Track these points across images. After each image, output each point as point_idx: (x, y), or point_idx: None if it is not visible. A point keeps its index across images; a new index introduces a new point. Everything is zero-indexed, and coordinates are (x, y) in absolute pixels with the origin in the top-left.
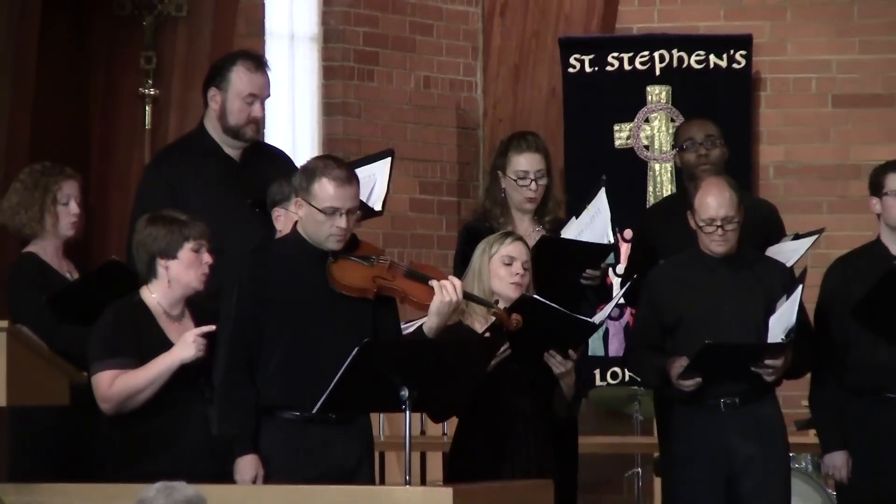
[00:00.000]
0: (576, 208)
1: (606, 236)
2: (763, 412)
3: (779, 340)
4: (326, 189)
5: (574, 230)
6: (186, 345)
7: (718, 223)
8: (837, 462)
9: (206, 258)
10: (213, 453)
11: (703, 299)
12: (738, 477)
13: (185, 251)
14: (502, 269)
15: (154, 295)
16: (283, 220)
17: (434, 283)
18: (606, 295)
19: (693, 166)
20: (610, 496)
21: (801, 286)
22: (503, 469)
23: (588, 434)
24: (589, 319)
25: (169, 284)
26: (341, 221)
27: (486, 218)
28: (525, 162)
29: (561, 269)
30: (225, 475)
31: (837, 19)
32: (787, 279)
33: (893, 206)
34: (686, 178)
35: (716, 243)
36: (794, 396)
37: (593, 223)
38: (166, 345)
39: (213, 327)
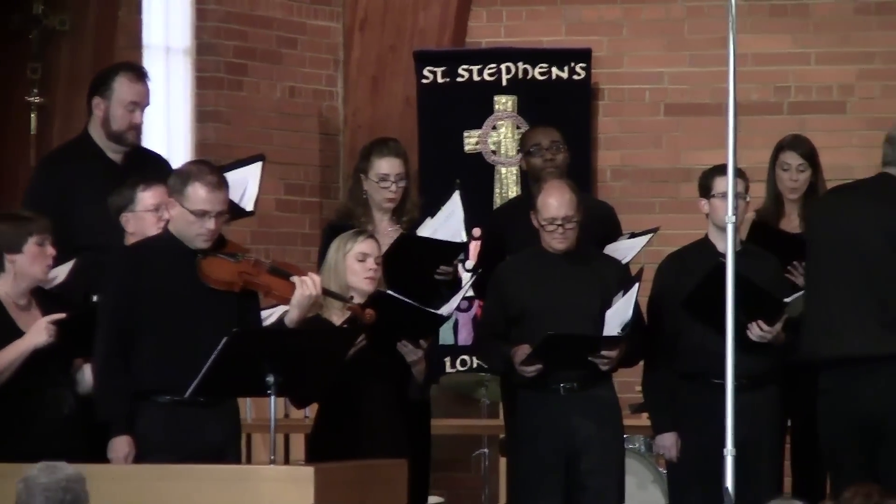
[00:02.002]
0: (430, 209)
1: (460, 235)
2: (600, 396)
3: (615, 333)
4: (198, 193)
5: (429, 229)
6: (39, 331)
7: (559, 222)
8: (667, 443)
9: (50, 251)
10: (66, 433)
11: (545, 293)
12: (577, 455)
13: (30, 245)
14: (357, 266)
15: (2, 287)
16: (133, 222)
17: (295, 278)
18: (459, 289)
19: (539, 169)
20: (459, 474)
21: (637, 284)
22: (361, 449)
23: (439, 417)
24: (437, 312)
25: (15, 277)
26: (210, 223)
27: (349, 217)
28: (386, 165)
29: (418, 264)
30: (77, 453)
31: (669, 35)
32: (622, 275)
33: (720, 207)
34: (532, 181)
35: (557, 241)
36: (629, 382)
37: (448, 223)
38: (17, 333)
39: (63, 315)
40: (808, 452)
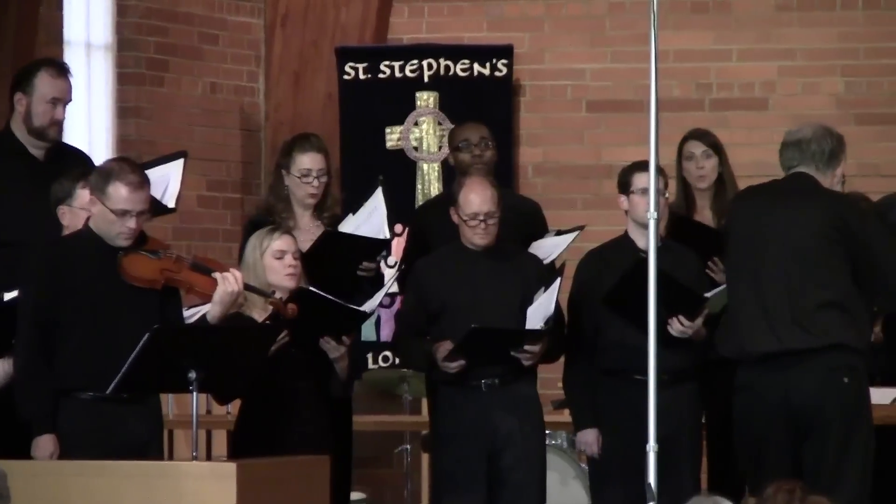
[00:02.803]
0: (351, 205)
1: (383, 232)
2: (522, 392)
3: (538, 328)
4: (120, 192)
5: (352, 225)
6: None
7: (482, 217)
8: (589, 439)
9: None
10: None
11: (465, 288)
12: (499, 452)
13: None
14: (275, 263)
15: None
16: (69, 216)
17: (217, 274)
18: (381, 285)
19: (467, 165)
20: (382, 470)
21: (559, 278)
22: (283, 445)
23: (361, 413)
24: (360, 308)
25: None
26: (131, 222)
27: (270, 213)
28: (308, 161)
29: (340, 261)
30: None
31: (591, 31)
32: (542, 270)
33: (639, 204)
34: (459, 177)
35: (479, 236)
36: (551, 378)
37: (371, 219)
38: None
39: None
40: (725, 448)
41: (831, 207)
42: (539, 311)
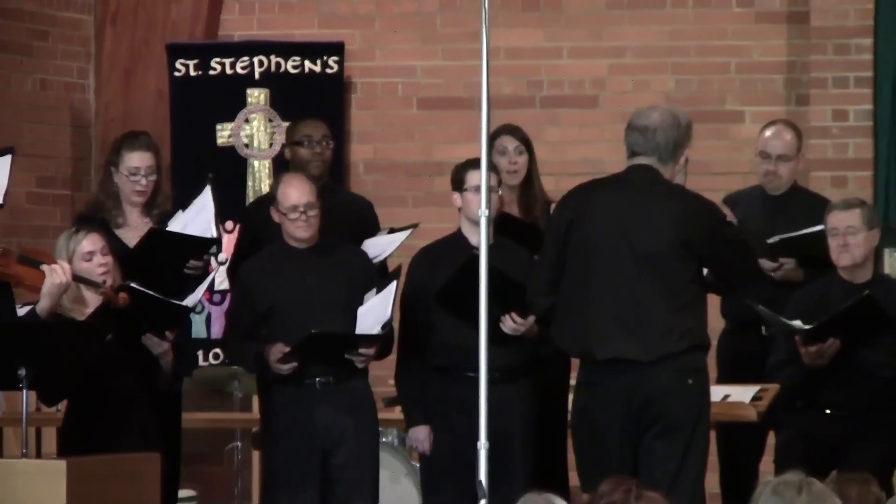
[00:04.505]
0: (181, 202)
1: (210, 230)
2: (355, 389)
3: (375, 332)
4: None
5: (180, 223)
6: None
7: (301, 209)
8: (420, 436)
9: None
10: None
11: (293, 289)
12: (331, 449)
13: None
14: (86, 266)
15: None
16: None
17: (45, 266)
18: (209, 284)
19: (306, 162)
20: (212, 467)
21: (395, 281)
22: (112, 442)
23: (192, 410)
24: (180, 303)
25: None
26: None
27: (99, 209)
28: (137, 159)
29: (168, 259)
30: None
31: (422, 29)
32: (368, 266)
33: (472, 201)
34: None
35: (300, 229)
36: (383, 375)
37: (199, 217)
38: None
39: None
40: (557, 446)
41: (679, 207)
42: (372, 314)
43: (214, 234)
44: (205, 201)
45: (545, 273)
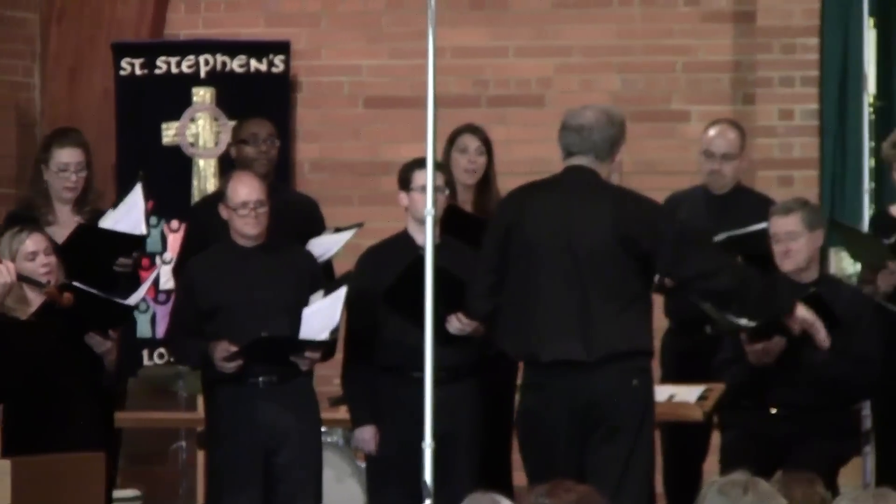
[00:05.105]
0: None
1: (139, 228)
2: (299, 389)
3: (321, 337)
4: None
5: (110, 220)
6: None
7: (251, 206)
8: (366, 436)
9: None
10: None
11: (237, 286)
12: (275, 449)
13: None
14: (29, 266)
15: None
16: None
17: None
18: (137, 282)
19: (251, 160)
20: (156, 467)
21: (344, 287)
22: (57, 440)
23: (136, 409)
24: (123, 302)
25: None
26: None
27: (30, 207)
28: (66, 155)
29: (96, 256)
30: None
31: (368, 28)
32: (313, 265)
33: (419, 201)
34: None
35: (249, 226)
36: (328, 375)
37: (129, 215)
38: None
39: None
40: (503, 445)
41: (617, 206)
42: (319, 317)
43: (144, 232)
44: (135, 199)
45: (485, 278)
